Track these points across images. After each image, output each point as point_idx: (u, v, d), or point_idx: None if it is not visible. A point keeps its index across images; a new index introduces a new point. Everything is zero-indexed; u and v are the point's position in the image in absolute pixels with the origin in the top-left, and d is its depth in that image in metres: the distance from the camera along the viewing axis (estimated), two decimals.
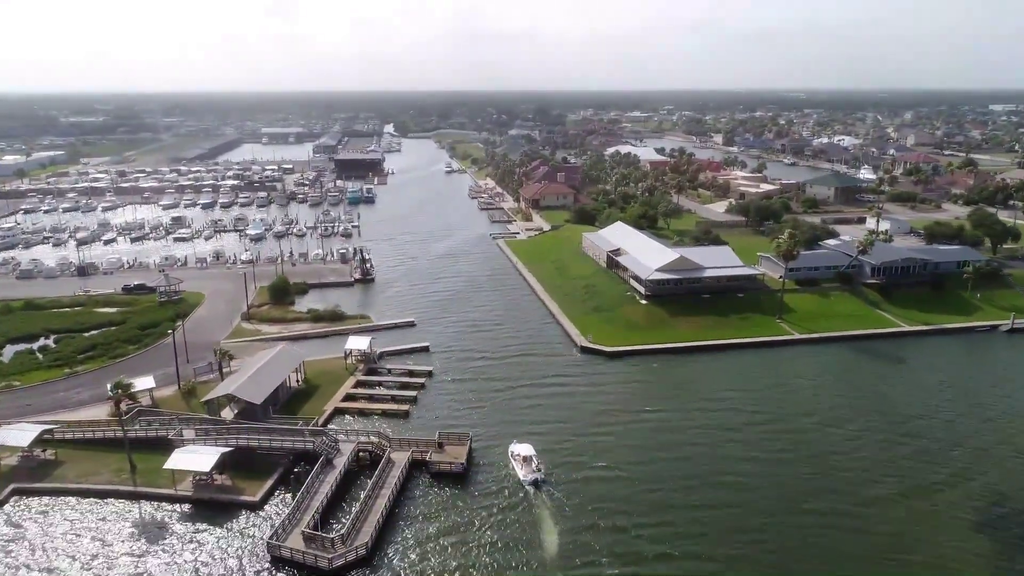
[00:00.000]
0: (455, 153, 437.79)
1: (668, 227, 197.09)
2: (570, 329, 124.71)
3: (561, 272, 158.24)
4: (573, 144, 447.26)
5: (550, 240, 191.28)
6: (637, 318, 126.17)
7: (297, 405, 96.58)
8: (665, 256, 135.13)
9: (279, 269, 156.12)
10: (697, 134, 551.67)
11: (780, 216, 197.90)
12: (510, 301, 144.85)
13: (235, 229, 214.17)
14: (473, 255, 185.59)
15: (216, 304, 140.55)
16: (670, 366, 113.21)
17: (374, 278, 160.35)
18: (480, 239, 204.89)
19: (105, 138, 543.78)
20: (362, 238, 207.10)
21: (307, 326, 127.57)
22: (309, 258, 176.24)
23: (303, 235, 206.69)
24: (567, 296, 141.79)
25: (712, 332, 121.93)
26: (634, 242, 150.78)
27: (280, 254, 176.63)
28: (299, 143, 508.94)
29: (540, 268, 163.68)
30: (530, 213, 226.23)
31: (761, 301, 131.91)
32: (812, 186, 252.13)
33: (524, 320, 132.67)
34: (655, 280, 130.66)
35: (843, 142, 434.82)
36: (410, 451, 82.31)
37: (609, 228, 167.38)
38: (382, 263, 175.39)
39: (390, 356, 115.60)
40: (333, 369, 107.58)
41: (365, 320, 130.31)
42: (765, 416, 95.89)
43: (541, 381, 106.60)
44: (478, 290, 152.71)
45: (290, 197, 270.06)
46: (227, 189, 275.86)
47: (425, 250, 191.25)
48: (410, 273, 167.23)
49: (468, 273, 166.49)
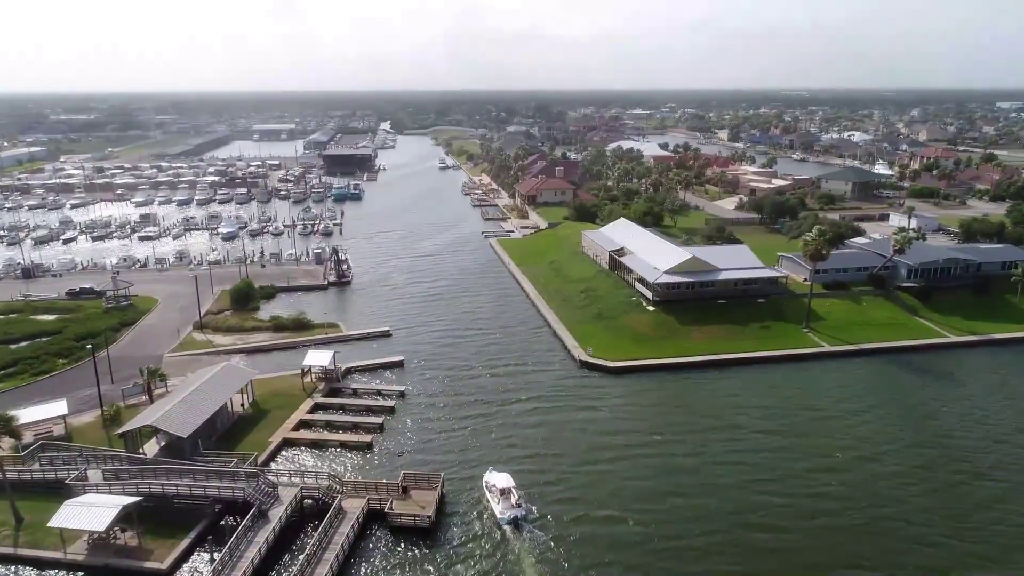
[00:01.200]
0: (451, 149, 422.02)
1: (675, 224, 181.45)
2: (567, 340, 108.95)
3: (558, 274, 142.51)
4: (573, 140, 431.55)
5: (546, 239, 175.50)
6: (643, 327, 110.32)
7: (238, 436, 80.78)
8: (675, 256, 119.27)
9: (242, 272, 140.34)
10: (701, 130, 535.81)
11: (797, 212, 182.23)
12: (500, 306, 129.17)
13: (207, 227, 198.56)
14: (462, 255, 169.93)
15: (169, 311, 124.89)
16: (682, 384, 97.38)
17: (350, 280, 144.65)
18: (471, 237, 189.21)
19: (91, 135, 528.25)
20: (343, 236, 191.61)
21: (267, 336, 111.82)
22: (282, 258, 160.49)
23: (280, 233, 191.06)
24: (564, 301, 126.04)
25: (730, 344, 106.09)
26: (639, 241, 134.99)
27: (248, 254, 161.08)
28: (291, 140, 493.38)
29: (535, 269, 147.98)
30: (526, 210, 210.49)
31: (784, 307, 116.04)
32: (827, 181, 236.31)
33: (515, 329, 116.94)
34: (664, 284, 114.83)
35: (853, 138, 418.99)
36: (366, 499, 66.56)
37: (611, 225, 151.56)
38: (362, 263, 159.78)
39: (358, 372, 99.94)
40: (288, 389, 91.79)
41: (333, 329, 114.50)
42: (796, 447, 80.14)
43: (532, 402, 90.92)
44: (464, 294, 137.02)
45: (272, 194, 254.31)
46: (205, 186, 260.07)
47: (410, 249, 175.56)
48: (391, 275, 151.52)
49: (455, 275, 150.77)
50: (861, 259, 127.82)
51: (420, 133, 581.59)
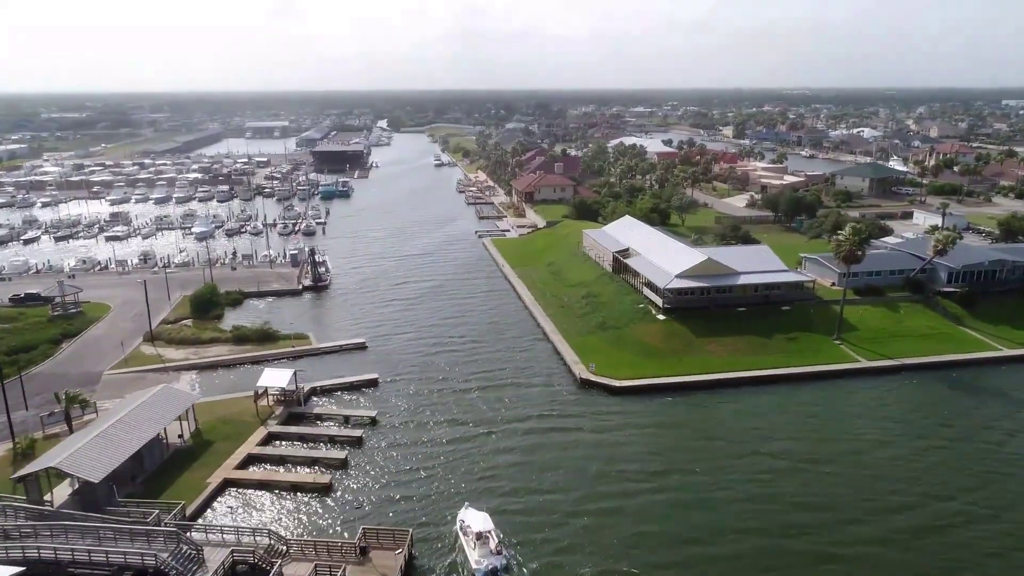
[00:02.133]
0: (447, 146, 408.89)
1: (683, 223, 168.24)
2: (566, 353, 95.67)
3: (557, 277, 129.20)
4: (573, 137, 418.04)
5: (545, 238, 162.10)
6: (653, 339, 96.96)
7: (171, 476, 67.51)
8: (688, 258, 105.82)
9: (207, 275, 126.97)
10: (705, 127, 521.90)
11: (815, 210, 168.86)
12: (492, 314, 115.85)
13: (181, 226, 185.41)
14: (453, 256, 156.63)
15: (121, 319, 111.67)
16: (698, 406, 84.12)
17: (328, 284, 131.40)
18: (464, 237, 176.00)
19: (80, 133, 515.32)
20: (326, 236, 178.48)
21: (225, 350, 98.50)
22: (256, 260, 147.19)
23: (259, 233, 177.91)
24: (563, 308, 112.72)
25: (752, 359, 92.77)
26: (647, 241, 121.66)
27: (220, 255, 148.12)
28: (285, 138, 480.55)
29: (531, 272, 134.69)
30: (523, 208, 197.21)
31: (812, 316, 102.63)
32: (843, 177, 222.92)
33: (507, 340, 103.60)
34: (676, 289, 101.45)
35: (863, 134, 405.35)
36: (314, 564, 53.31)
37: (615, 224, 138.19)
38: (343, 264, 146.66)
39: (325, 393, 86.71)
40: (239, 415, 78.52)
41: (302, 341, 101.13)
42: (837, 486, 66.94)
43: (524, 426, 77.77)
44: (452, 300, 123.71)
45: (256, 191, 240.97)
46: (185, 183, 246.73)
47: (397, 250, 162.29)
48: (374, 278, 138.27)
49: (443, 278, 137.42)
50: (895, 261, 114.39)
51: (417, 130, 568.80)
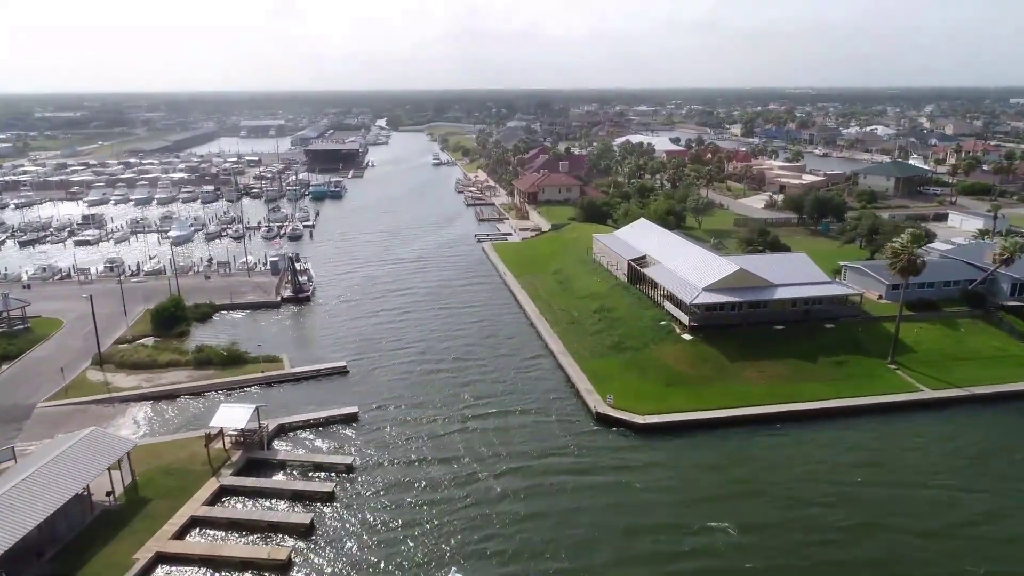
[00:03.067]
0: (446, 145, 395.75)
1: (699, 226, 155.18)
2: (579, 380, 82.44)
3: (564, 287, 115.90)
4: (577, 136, 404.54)
5: (550, 243, 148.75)
6: (679, 364, 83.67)
7: (91, 548, 54.19)
8: (717, 268, 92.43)
9: (174, 285, 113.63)
10: (711, 126, 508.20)
11: (843, 211, 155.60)
12: (491, 329, 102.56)
13: (158, 229, 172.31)
14: (450, 261, 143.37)
15: (73, 337, 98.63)
16: (739, 447, 70.78)
17: (310, 295, 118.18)
18: (462, 241, 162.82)
19: (70, 132, 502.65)
20: (314, 240, 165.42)
21: (185, 376, 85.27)
22: (233, 267, 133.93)
23: (241, 237, 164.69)
24: (573, 325, 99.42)
25: (795, 388, 79.47)
26: (666, 247, 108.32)
27: (195, 262, 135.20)
28: (280, 137, 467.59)
29: (536, 281, 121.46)
30: (526, 209, 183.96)
31: (860, 335, 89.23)
32: (866, 177, 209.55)
33: (509, 362, 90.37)
34: (705, 305, 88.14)
35: (876, 132, 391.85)
36: None
37: (629, 228, 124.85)
38: (329, 271, 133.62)
39: (294, 431, 73.50)
40: (187, 462, 65.22)
41: (273, 365, 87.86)
42: (912, 553, 53.75)
43: (528, 474, 64.58)
44: (448, 312, 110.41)
45: (243, 192, 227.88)
46: (167, 183, 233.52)
47: (389, 255, 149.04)
48: (362, 286, 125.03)
49: (438, 288, 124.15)
50: (949, 270, 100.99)
51: (416, 129, 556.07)
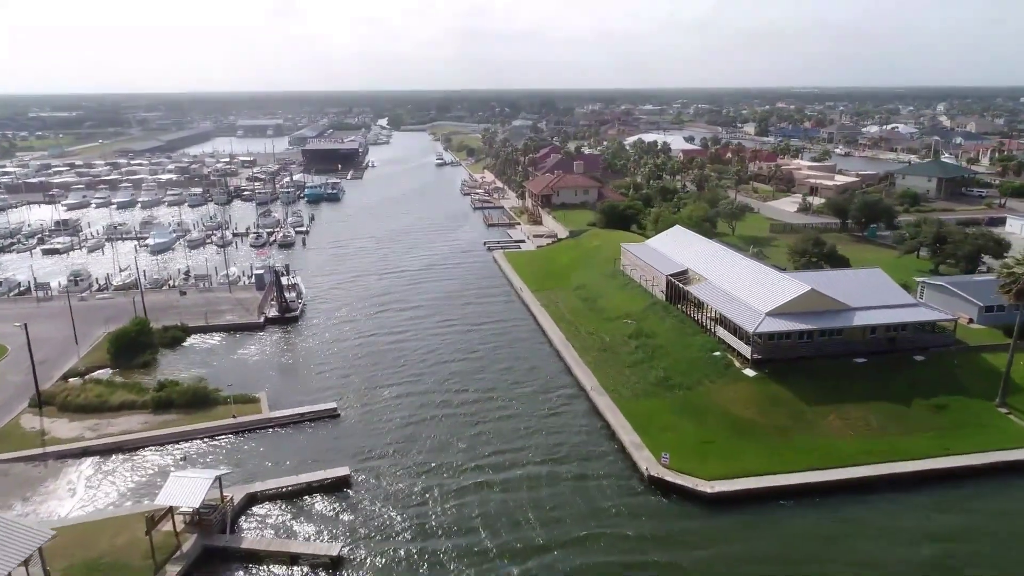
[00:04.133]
0: (450, 145, 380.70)
1: (732, 233, 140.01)
2: (620, 427, 67.21)
3: (591, 306, 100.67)
4: (585, 135, 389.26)
5: (569, 252, 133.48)
6: (745, 408, 68.38)
7: None
8: (782, 288, 77.08)
9: (139, 304, 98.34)
10: (723, 125, 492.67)
11: (894, 216, 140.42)
12: (508, 356, 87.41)
13: (136, 236, 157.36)
14: (457, 273, 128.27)
15: (14, 369, 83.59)
16: (838, 522, 55.53)
17: (298, 314, 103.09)
18: (470, 248, 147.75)
19: (63, 132, 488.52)
20: (307, 247, 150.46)
21: (139, 422, 70.11)
22: (214, 281, 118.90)
23: (227, 244, 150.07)
24: (606, 354, 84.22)
25: (891, 442, 64.16)
26: (711, 260, 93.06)
27: (160, 274, 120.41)
28: (278, 136, 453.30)
29: (557, 297, 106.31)
30: (539, 214, 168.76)
31: (957, 370, 73.97)
32: (905, 177, 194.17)
33: (532, 402, 75.20)
34: (770, 333, 72.95)
35: (897, 129, 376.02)
36: None
37: (663, 237, 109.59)
38: (322, 284, 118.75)
39: (268, 501, 58.38)
40: (125, 554, 49.97)
41: (247, 408, 72.67)
42: None
43: (569, 564, 49.33)
44: (456, 335, 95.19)
45: (233, 194, 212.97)
46: (152, 185, 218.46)
47: (388, 265, 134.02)
48: (359, 303, 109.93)
49: (444, 305, 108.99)
50: None
51: (418, 129, 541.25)
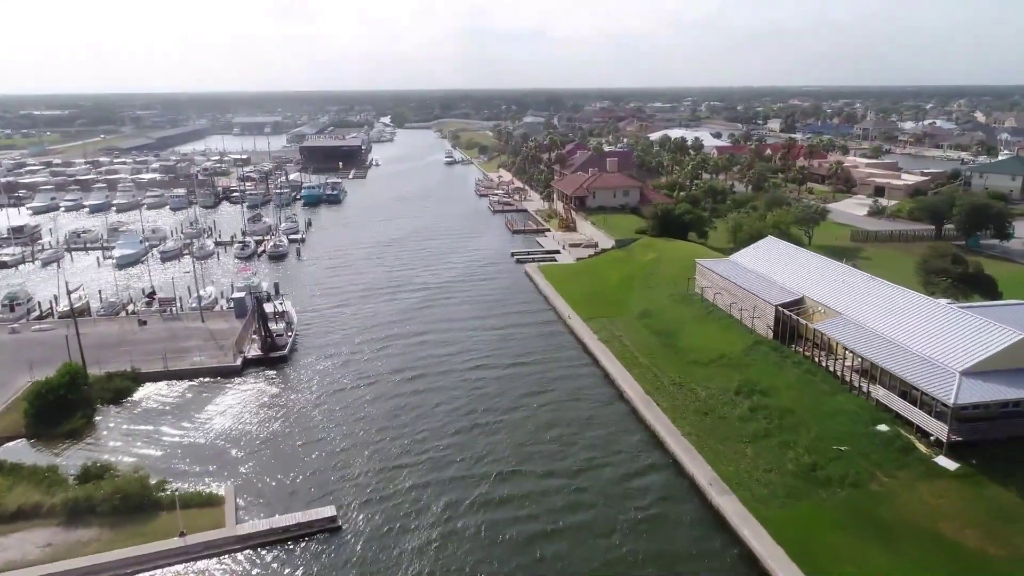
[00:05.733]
0: (459, 142, 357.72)
1: (809, 242, 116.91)
2: (774, 561, 44.00)
3: (667, 344, 77.25)
4: (602, 131, 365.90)
5: (619, 266, 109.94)
6: (959, 526, 44.83)
7: None
8: (979, 336, 53.55)
9: (69, 343, 75.02)
10: (743, 121, 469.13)
11: (1006, 222, 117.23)
12: (570, 423, 64.00)
13: (102, 246, 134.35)
14: (483, 292, 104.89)
15: None
16: None
17: (287, 353, 79.81)
18: (495, 260, 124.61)
19: (54, 130, 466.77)
20: (303, 259, 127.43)
21: (39, 542, 46.73)
22: (184, 305, 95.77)
23: (209, 256, 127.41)
24: (709, 419, 60.86)
25: None
26: (836, 285, 69.74)
27: (131, 296, 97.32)
28: (276, 134, 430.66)
29: (618, 329, 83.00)
30: (572, 218, 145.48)
31: None
32: (984, 175, 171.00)
33: (612, 497, 51.95)
34: (974, 406, 49.72)
35: (936, 125, 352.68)
36: None
37: (752, 251, 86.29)
38: (319, 307, 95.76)
39: None
40: None
41: (204, 515, 49.34)
42: None
43: None
44: (492, 383, 71.74)
45: (221, 196, 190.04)
46: (129, 185, 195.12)
47: (399, 281, 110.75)
48: (363, 334, 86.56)
49: (472, 337, 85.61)
50: None
51: (422, 126, 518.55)
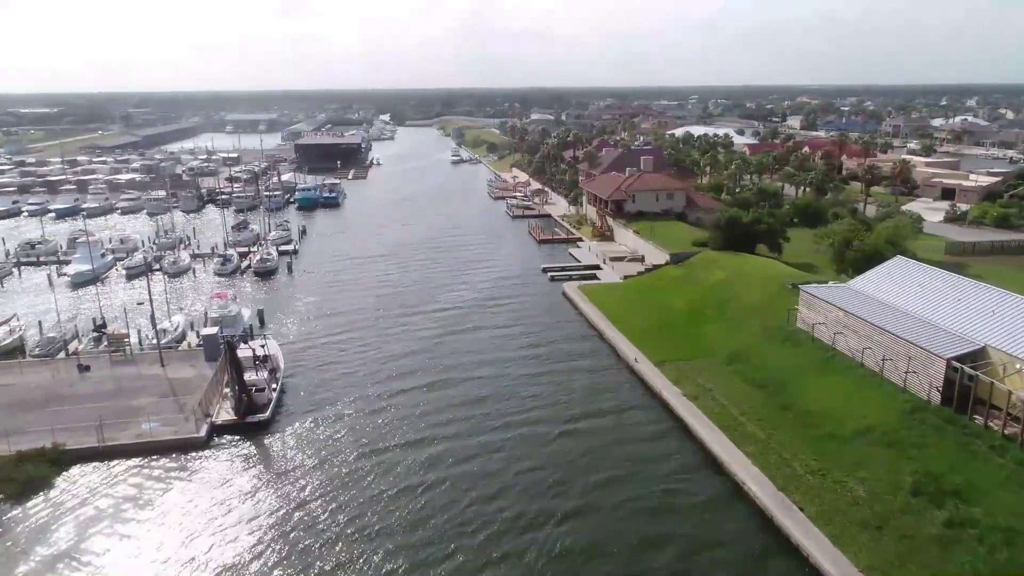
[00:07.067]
0: (463, 140, 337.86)
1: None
2: None
3: (780, 404, 57.13)
4: (615, 129, 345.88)
5: (682, 289, 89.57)
6: None
7: None
8: None
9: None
10: (758, 118, 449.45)
11: None
12: (677, 539, 44.16)
13: (59, 259, 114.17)
14: (515, 319, 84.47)
15: None
16: None
17: (268, 414, 59.62)
18: (524, 277, 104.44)
19: (34, 128, 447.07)
20: (294, 277, 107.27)
21: None
22: (143, 341, 75.73)
23: (184, 272, 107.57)
24: (887, 536, 40.90)
25: None
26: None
27: (78, 329, 77.41)
28: (272, 132, 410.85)
29: (703, 378, 62.95)
30: (608, 225, 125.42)
31: None
32: None
33: None
34: None
35: (968, 121, 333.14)
36: None
37: (878, 276, 66.04)
38: (311, 338, 75.70)
39: None
40: None
41: None
42: None
43: None
44: (542, 457, 51.73)
45: (205, 199, 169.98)
46: (100, 187, 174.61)
47: (410, 303, 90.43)
48: (365, 380, 66.37)
49: (514, 386, 65.35)
50: None
51: (423, 124, 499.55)
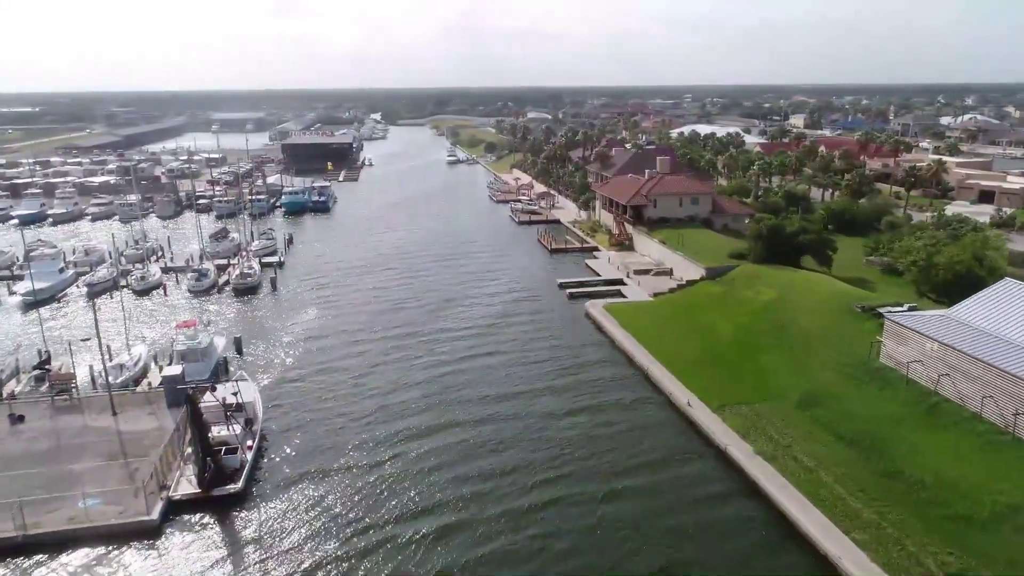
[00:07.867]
0: (458, 139, 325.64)
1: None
2: None
3: (885, 469, 45.61)
4: (614, 128, 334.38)
5: (726, 311, 77.55)
6: None
7: None
8: None
9: None
10: (758, 117, 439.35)
11: None
12: None
13: (12, 275, 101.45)
14: (535, 347, 72.28)
15: None
16: None
17: (242, 483, 47.38)
18: (538, 292, 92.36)
19: (11, 128, 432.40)
20: (278, 294, 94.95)
21: None
22: (95, 381, 63.38)
23: (154, 288, 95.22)
24: None
25: None
26: None
27: (18, 365, 64.96)
28: (259, 131, 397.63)
29: (775, 430, 51.31)
30: (628, 233, 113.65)
31: None
32: None
33: None
34: None
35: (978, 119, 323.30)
36: None
37: (984, 303, 54.43)
38: (296, 371, 63.28)
39: None
40: None
41: None
42: None
43: None
44: (595, 551, 40.05)
45: (183, 204, 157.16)
46: (68, 192, 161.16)
47: (415, 326, 78.18)
48: (356, 432, 54.27)
49: (539, 435, 53.44)
50: None
51: (416, 123, 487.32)
